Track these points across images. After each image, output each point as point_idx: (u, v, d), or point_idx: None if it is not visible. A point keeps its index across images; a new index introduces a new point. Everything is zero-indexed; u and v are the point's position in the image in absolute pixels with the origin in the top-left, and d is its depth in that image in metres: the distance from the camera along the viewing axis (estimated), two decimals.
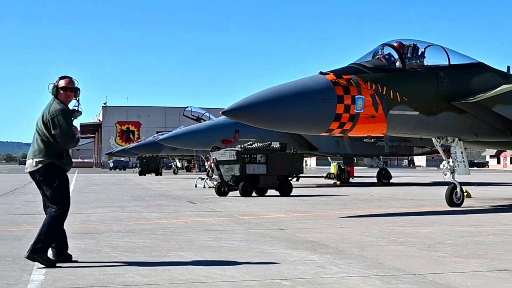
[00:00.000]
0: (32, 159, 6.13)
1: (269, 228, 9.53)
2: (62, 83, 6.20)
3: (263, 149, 18.57)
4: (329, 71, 11.58)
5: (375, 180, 28.78)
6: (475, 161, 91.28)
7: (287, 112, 11.26)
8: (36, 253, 5.81)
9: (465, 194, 16.92)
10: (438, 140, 13.43)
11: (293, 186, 19.07)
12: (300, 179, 20.50)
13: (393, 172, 32.37)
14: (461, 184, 13.37)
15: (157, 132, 49.22)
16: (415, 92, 12.31)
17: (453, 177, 13.05)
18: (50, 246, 6.03)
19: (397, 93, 11.89)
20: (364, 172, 43.66)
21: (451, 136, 13.10)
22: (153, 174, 46.39)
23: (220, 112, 12.21)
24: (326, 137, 22.60)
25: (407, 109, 12.12)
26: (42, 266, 5.78)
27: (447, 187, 13.30)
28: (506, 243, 7.62)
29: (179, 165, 53.60)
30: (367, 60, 12.24)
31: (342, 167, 28.59)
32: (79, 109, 6.35)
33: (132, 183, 29.18)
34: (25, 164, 6.49)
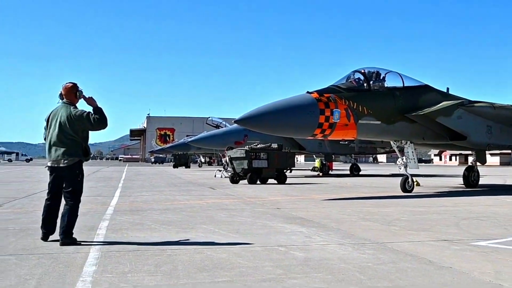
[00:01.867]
0: (63, 156, 5.42)
1: (269, 207, 9.54)
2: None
3: (265, 149, 18.60)
4: (314, 91, 11.66)
5: (348, 172, 28.83)
6: (422, 158, 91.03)
7: (283, 121, 11.30)
8: (68, 238, 5.37)
9: (415, 183, 17.03)
10: (395, 142, 13.44)
11: (287, 176, 19.10)
12: (292, 171, 20.68)
13: (361, 166, 32.46)
14: (412, 175, 13.42)
15: (187, 136, 49.17)
16: (378, 107, 12.29)
17: (406, 171, 13.10)
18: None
19: (365, 107, 11.97)
20: (340, 166, 43.60)
21: (405, 140, 13.13)
22: (184, 167, 46.36)
23: (233, 121, 12.32)
24: (311, 140, 22.72)
25: (372, 120, 12.18)
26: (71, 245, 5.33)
27: (401, 178, 13.33)
28: (446, 220, 7.63)
29: (203, 160, 53.57)
30: (342, 82, 12.29)
31: (324, 162, 28.72)
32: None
33: (168, 174, 29.23)
34: (91, 158, 5.87)
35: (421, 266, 4.39)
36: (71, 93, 5.59)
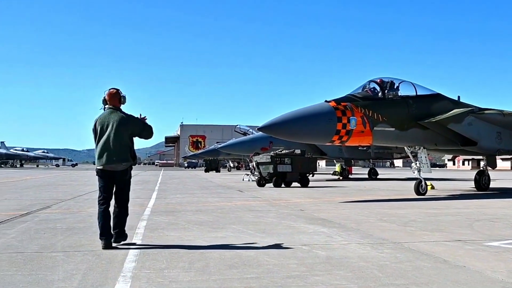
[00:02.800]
0: (116, 161, 5.21)
1: (293, 209, 9.51)
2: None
3: (289, 154, 18.52)
4: (331, 100, 11.63)
5: (366, 176, 28.39)
6: (437, 163, 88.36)
7: (303, 128, 11.31)
8: (122, 238, 5.29)
9: (430, 186, 16.63)
10: (408, 148, 13.26)
11: (310, 180, 18.99)
12: (314, 175, 20.56)
13: (379, 170, 31.92)
14: (426, 179, 13.22)
15: (217, 142, 49.44)
16: (392, 114, 12.18)
17: (419, 174, 12.90)
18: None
19: (379, 115, 11.90)
20: (359, 171, 42.95)
21: (418, 145, 12.96)
22: (214, 171, 46.46)
23: (257, 129, 12.35)
24: (332, 146, 22.67)
25: (386, 126, 12.11)
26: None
27: (415, 181, 13.14)
28: (459, 221, 7.45)
29: (231, 165, 53.74)
30: (358, 92, 12.19)
31: (344, 167, 28.36)
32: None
33: (200, 178, 29.43)
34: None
35: (436, 265, 4.32)
36: (115, 98, 5.36)
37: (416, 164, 12.90)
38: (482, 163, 15.75)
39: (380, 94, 12.32)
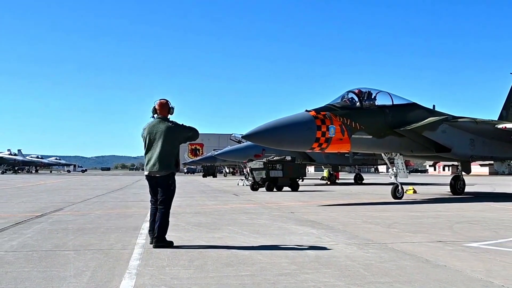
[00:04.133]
0: (160, 168, 5.16)
1: (284, 212, 9.44)
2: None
3: (280, 160, 18.50)
4: (312, 109, 11.41)
5: (352, 181, 28.40)
6: (418, 169, 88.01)
7: (284, 136, 11.10)
8: (162, 241, 5.12)
9: (412, 191, 16.48)
10: (385, 154, 13.09)
11: (300, 184, 18.93)
12: (304, 180, 20.53)
13: (364, 176, 31.95)
14: (402, 184, 13.02)
15: (214, 150, 49.41)
16: (369, 123, 11.94)
17: (396, 179, 12.63)
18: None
19: (357, 124, 11.67)
20: (345, 176, 43.02)
21: (395, 152, 12.69)
22: (211, 176, 46.33)
23: (241, 136, 11.97)
24: (320, 153, 22.48)
25: (364, 134, 11.86)
26: (162, 245, 5.11)
27: (392, 186, 12.98)
28: (440, 223, 7.41)
29: (227, 170, 53.53)
30: (337, 102, 11.96)
31: (331, 172, 28.25)
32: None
33: (198, 182, 29.39)
34: (134, 169, 5.75)
35: (418, 264, 4.27)
36: (165, 109, 5.30)
37: (393, 169, 12.68)
38: (458, 169, 15.70)
39: (358, 103, 12.07)
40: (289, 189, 18.21)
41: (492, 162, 16.47)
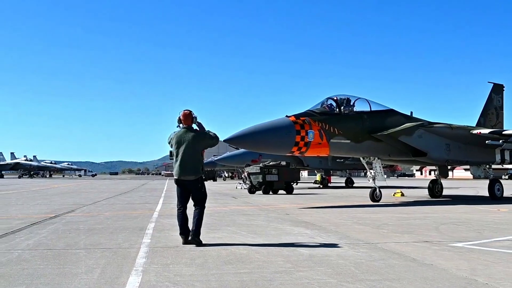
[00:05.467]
0: (191, 172, 5.34)
1: (280, 213, 9.40)
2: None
3: (276, 165, 18.56)
4: (292, 115, 11.15)
5: (344, 184, 28.30)
6: (406, 173, 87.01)
7: (265, 140, 10.88)
8: (197, 237, 5.21)
9: (400, 194, 16.21)
10: (364, 158, 12.78)
11: (294, 188, 18.94)
12: (298, 184, 20.54)
13: (355, 179, 31.94)
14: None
15: (214, 156, 49.37)
16: (347, 128, 11.70)
17: (374, 183, 12.34)
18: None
19: (335, 129, 11.46)
20: (337, 180, 42.93)
21: (373, 156, 12.41)
22: (211, 180, 46.09)
23: (222, 140, 10.88)
24: (313, 158, 22.35)
25: (342, 139, 11.62)
26: (193, 244, 5.15)
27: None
28: (427, 225, 7.35)
29: (226, 175, 53.42)
30: (317, 107, 11.70)
31: (324, 176, 28.08)
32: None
33: None
34: (140, 173, 5.91)
35: (406, 263, 4.24)
36: (189, 119, 5.44)
37: (371, 173, 12.37)
38: (436, 173, 15.53)
39: (336, 109, 11.83)
40: (284, 192, 18.16)
41: (468, 166, 16.31)
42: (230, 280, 3.58)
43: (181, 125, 5.49)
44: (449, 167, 15.59)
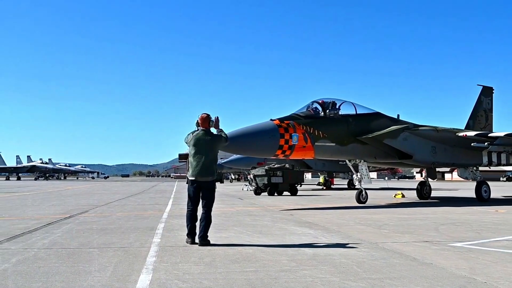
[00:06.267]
0: (211, 173, 5.32)
1: (285, 214, 9.36)
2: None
3: (280, 168, 18.47)
4: (276, 118, 10.83)
5: (346, 186, 28.16)
6: (406, 175, 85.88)
7: (249, 143, 10.58)
8: (204, 240, 5.16)
9: (400, 195, 16.07)
10: (350, 161, 12.30)
11: (298, 189, 18.86)
12: (302, 185, 20.46)
13: None
14: (366, 189, 12.42)
15: (221, 158, 49.42)
16: (332, 131, 11.35)
17: (360, 185, 12.03)
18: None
19: (320, 132, 11.12)
20: (340, 182, 42.71)
21: (358, 159, 12.03)
22: (218, 182, 46.14)
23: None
24: (317, 161, 22.14)
25: (327, 142, 11.28)
26: (202, 244, 5.12)
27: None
28: (427, 225, 7.28)
29: (233, 177, 53.38)
30: (302, 111, 11.35)
31: (327, 178, 28.01)
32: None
33: None
34: (150, 176, 5.93)
35: (407, 262, 4.20)
36: (206, 122, 5.43)
37: (357, 175, 12.02)
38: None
39: (321, 113, 11.49)
40: (289, 193, 18.12)
41: (455, 168, 15.93)
42: (237, 278, 3.58)
43: (199, 127, 5.47)
44: (447, 169, 15.24)
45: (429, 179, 15.03)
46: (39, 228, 6.66)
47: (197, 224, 5.33)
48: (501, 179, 62.30)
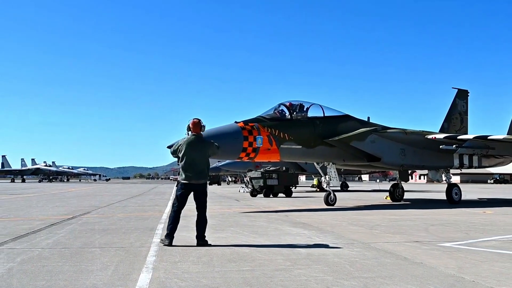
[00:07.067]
0: (204, 177, 5.29)
1: (280, 215, 9.35)
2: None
3: (275, 171, 18.53)
4: (241, 121, 10.45)
5: (339, 188, 28.16)
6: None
7: None
8: (202, 240, 5.13)
9: (389, 197, 15.27)
10: (318, 164, 12.01)
11: (293, 191, 18.89)
12: (296, 187, 20.49)
13: (349, 183, 31.83)
14: (334, 191, 12.18)
15: (218, 161, 49.33)
16: (298, 134, 10.96)
17: (328, 187, 11.74)
18: None
19: (286, 134, 10.74)
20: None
21: (327, 161, 11.73)
22: (216, 184, 45.83)
23: (166, 147, 9.69)
24: (310, 164, 21.87)
25: (293, 144, 10.90)
26: (201, 244, 5.08)
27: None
28: (417, 226, 7.28)
29: (230, 179, 53.30)
30: (268, 113, 10.94)
31: (320, 180, 27.94)
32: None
33: None
34: (150, 178, 5.88)
35: (398, 261, 4.21)
36: (197, 127, 5.35)
37: (325, 178, 11.70)
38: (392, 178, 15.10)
39: (288, 115, 11.10)
40: (284, 195, 18.16)
41: (461, 171, 15.80)
42: (234, 277, 3.57)
43: (189, 132, 5.41)
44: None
45: (402, 182, 14.48)
46: (43, 229, 6.63)
47: (178, 225, 5.22)
48: (489, 181, 62.63)
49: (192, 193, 5.29)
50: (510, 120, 17.68)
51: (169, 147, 9.66)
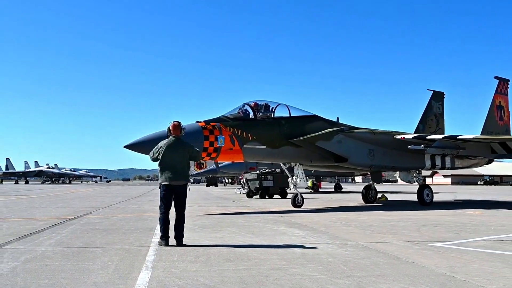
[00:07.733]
0: (184, 177, 5.26)
1: (275, 216, 9.31)
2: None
3: (271, 172, 18.43)
4: (202, 120, 9.99)
5: (333, 189, 28.22)
6: (389, 179, 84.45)
7: None
8: (180, 240, 5.10)
9: (384, 198, 15.17)
10: (284, 164, 11.59)
11: (287, 193, 18.63)
12: (291, 189, 20.25)
13: (343, 185, 31.90)
14: (302, 193, 11.84)
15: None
16: (262, 134, 10.48)
17: (296, 188, 11.20)
18: None
19: (249, 134, 10.26)
20: (327, 185, 42.79)
21: (293, 162, 11.19)
22: (213, 186, 45.86)
23: (123, 146, 9.35)
24: (304, 166, 21.55)
25: (257, 144, 10.40)
26: (177, 243, 5.07)
27: (292, 195, 11.60)
28: (409, 226, 7.24)
29: (227, 181, 53.10)
30: (232, 113, 10.44)
31: (315, 182, 27.70)
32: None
33: (202, 191, 28.98)
34: (149, 180, 5.78)
35: (390, 261, 4.20)
36: (178, 130, 5.36)
37: (292, 179, 11.22)
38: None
39: (251, 115, 10.58)
40: (279, 196, 18.11)
41: (450, 173, 15.40)
42: (231, 276, 3.55)
43: (169, 135, 5.38)
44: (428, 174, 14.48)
45: (375, 183, 13.92)
46: (46, 229, 6.61)
47: (169, 225, 5.16)
48: (479, 182, 62.63)
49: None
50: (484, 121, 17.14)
51: (126, 146, 8.94)
